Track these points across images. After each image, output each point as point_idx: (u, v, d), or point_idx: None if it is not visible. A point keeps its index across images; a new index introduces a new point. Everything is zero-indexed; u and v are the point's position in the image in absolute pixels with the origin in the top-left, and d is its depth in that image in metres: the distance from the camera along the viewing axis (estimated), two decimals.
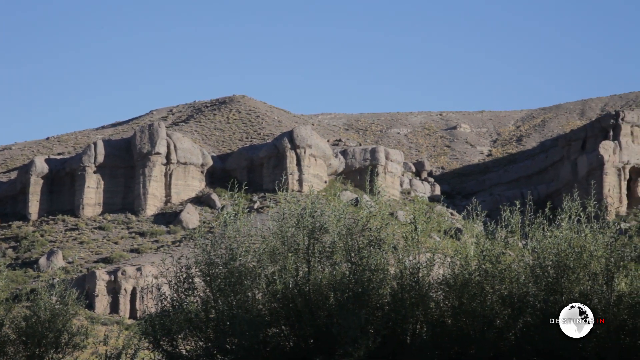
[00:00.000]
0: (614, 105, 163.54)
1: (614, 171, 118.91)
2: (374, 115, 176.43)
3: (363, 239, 22.95)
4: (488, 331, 21.72)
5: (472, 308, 21.96)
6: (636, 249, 22.12)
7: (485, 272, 22.22)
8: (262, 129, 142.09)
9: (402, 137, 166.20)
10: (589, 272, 21.60)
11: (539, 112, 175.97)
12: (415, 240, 22.98)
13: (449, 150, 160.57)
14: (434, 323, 22.41)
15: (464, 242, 22.98)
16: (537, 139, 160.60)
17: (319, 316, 22.32)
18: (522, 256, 22.88)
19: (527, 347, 21.63)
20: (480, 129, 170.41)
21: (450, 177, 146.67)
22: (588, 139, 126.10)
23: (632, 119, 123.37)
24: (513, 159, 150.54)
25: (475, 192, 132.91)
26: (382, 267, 22.64)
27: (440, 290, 22.69)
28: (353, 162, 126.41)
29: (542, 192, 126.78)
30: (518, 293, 21.98)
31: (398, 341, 22.29)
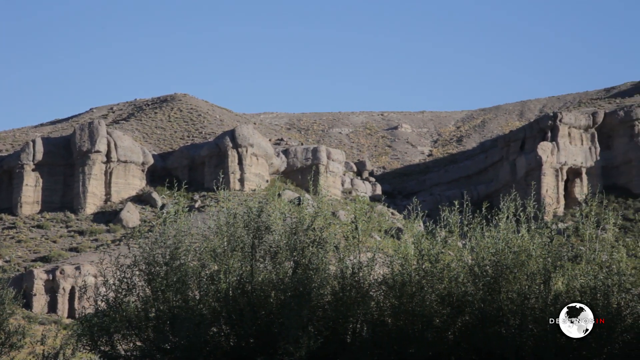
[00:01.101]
0: (552, 107, 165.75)
1: (552, 172, 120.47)
2: (315, 115, 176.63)
3: (306, 238, 22.98)
4: (427, 330, 21.86)
5: (412, 307, 22.09)
6: (573, 249, 22.44)
7: (425, 272, 22.37)
8: (204, 128, 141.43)
9: (343, 137, 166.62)
10: (527, 272, 21.84)
11: (479, 113, 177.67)
12: (357, 239, 23.06)
13: (390, 150, 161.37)
14: (374, 322, 22.49)
15: (404, 241, 23.10)
16: (477, 139, 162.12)
17: (261, 315, 22.29)
18: (461, 256, 23.08)
19: (465, 346, 21.81)
20: (421, 129, 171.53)
21: (391, 177, 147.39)
22: (527, 140, 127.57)
23: (570, 120, 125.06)
24: (453, 159, 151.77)
25: (416, 192, 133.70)
26: (324, 267, 22.69)
27: (380, 289, 22.80)
28: (295, 161, 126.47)
29: (481, 192, 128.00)
30: (457, 292, 22.15)
31: (338, 340, 22.33)
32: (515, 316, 21.52)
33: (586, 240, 22.30)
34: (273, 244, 23.12)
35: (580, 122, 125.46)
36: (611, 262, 21.51)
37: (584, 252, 22.07)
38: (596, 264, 21.65)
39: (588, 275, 21.49)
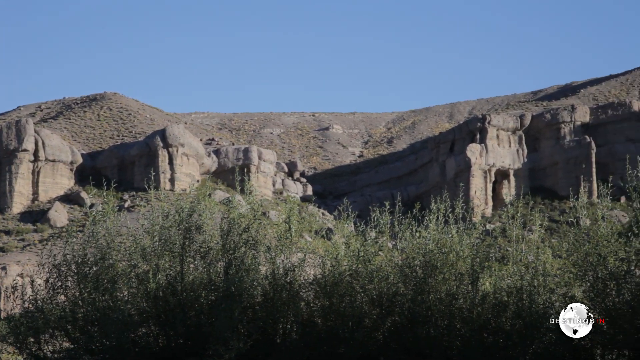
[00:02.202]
0: (481, 109, 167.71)
1: (481, 173, 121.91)
2: (247, 115, 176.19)
3: (239, 239, 22.95)
4: (357, 331, 21.98)
5: (342, 308, 22.20)
6: (500, 250, 22.77)
7: (356, 272, 22.49)
8: (134, 127, 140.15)
9: (275, 137, 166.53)
10: (456, 272, 22.11)
11: (410, 115, 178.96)
12: (289, 240, 23.10)
13: (322, 151, 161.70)
14: (304, 323, 22.56)
15: (335, 242, 23.21)
16: (407, 140, 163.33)
17: (191, 316, 22.21)
18: (392, 256, 23.26)
19: (394, 346, 21.99)
20: (352, 130, 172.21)
21: (322, 178, 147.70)
22: (456, 142, 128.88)
23: (498, 122, 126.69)
24: (384, 160, 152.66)
25: (347, 193, 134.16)
26: (255, 267, 22.68)
27: (310, 290, 22.87)
28: (226, 161, 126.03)
29: (411, 193, 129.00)
30: (387, 293, 22.31)
31: (268, 341, 22.35)
32: (444, 316, 21.76)
33: (513, 241, 22.66)
34: (204, 244, 23.05)
35: (508, 125, 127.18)
36: (537, 262, 21.88)
37: (510, 253, 22.42)
38: (522, 264, 22.01)
39: (515, 276, 21.83)
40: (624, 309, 19.83)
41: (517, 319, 21.23)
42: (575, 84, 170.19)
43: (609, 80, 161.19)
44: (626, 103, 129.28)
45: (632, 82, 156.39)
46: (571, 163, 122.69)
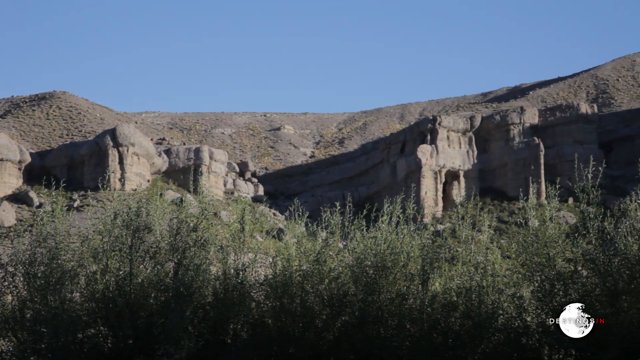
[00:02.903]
0: (432, 110, 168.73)
1: (431, 174, 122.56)
2: (198, 115, 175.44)
3: (189, 239, 22.89)
4: (308, 331, 22.02)
5: (293, 308, 22.23)
6: (450, 251, 22.94)
7: (306, 273, 22.53)
8: (84, 126, 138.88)
9: (226, 137, 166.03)
10: (406, 273, 22.23)
11: (361, 115, 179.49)
12: (241, 240, 23.09)
13: (273, 151, 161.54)
14: (254, 323, 22.55)
15: (286, 242, 23.23)
16: (358, 141, 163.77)
17: (140, 316, 22.09)
18: (343, 257, 23.32)
19: (345, 347, 22.05)
20: (303, 130, 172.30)
21: (273, 178, 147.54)
22: (407, 143, 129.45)
23: (449, 123, 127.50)
24: (335, 160, 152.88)
25: (298, 193, 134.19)
26: (206, 267, 22.63)
27: (261, 290, 22.87)
28: (177, 161, 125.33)
29: (362, 194, 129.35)
30: (338, 293, 22.38)
31: (219, 341, 22.31)
32: (394, 317, 21.88)
33: (462, 241, 22.85)
34: (154, 245, 22.95)
35: (458, 126, 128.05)
36: (486, 263, 22.08)
37: (460, 254, 22.59)
38: (472, 265, 22.20)
39: (464, 276, 22.01)
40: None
41: (466, 319, 21.39)
42: (524, 85, 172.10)
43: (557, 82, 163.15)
44: (574, 105, 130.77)
45: (579, 85, 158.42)
46: (520, 164, 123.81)
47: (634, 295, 19.43)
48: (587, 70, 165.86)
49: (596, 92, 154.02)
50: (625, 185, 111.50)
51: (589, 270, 20.31)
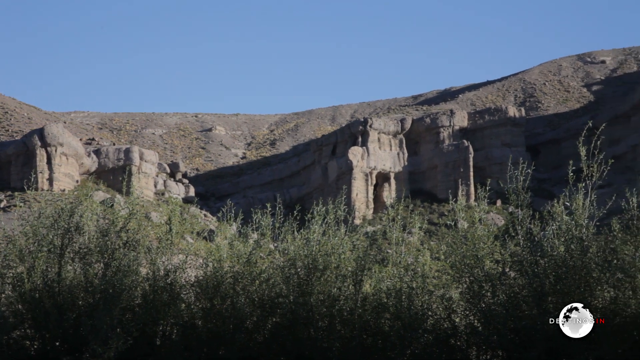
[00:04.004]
0: (363, 112, 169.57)
1: (362, 176, 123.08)
2: (128, 115, 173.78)
3: (118, 240, 22.69)
4: (238, 332, 21.97)
5: (223, 309, 22.17)
6: (381, 252, 23.09)
7: (238, 274, 22.48)
8: (10, 126, 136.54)
9: (157, 138, 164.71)
10: (338, 274, 22.29)
11: (292, 117, 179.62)
12: (170, 241, 22.95)
13: (204, 152, 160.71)
14: (184, 324, 22.44)
15: (217, 243, 23.15)
16: (290, 143, 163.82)
17: (68, 317, 21.84)
18: (274, 258, 23.31)
19: (275, 348, 22.05)
20: (235, 131, 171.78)
21: (204, 179, 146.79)
22: (338, 145, 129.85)
23: (380, 126, 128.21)
24: (267, 162, 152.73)
25: (229, 194, 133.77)
26: (135, 269, 22.47)
27: (191, 291, 22.76)
28: (106, 161, 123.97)
29: (294, 195, 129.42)
30: (269, 295, 22.37)
31: (148, 342, 22.16)
32: (325, 318, 21.93)
33: (393, 243, 22.99)
34: (83, 245, 22.71)
35: (389, 128, 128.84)
36: (416, 264, 22.25)
37: (390, 255, 22.72)
38: (402, 266, 22.34)
39: (394, 278, 22.14)
40: (499, 310, 20.34)
41: (396, 321, 21.53)
42: (454, 89, 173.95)
43: (486, 86, 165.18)
44: (502, 108, 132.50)
45: (507, 88, 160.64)
46: (450, 167, 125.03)
47: (560, 296, 19.76)
48: (515, 74, 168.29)
49: (524, 96, 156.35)
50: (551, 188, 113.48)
51: (517, 271, 20.58)
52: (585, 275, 19.68)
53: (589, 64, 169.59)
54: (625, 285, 19.59)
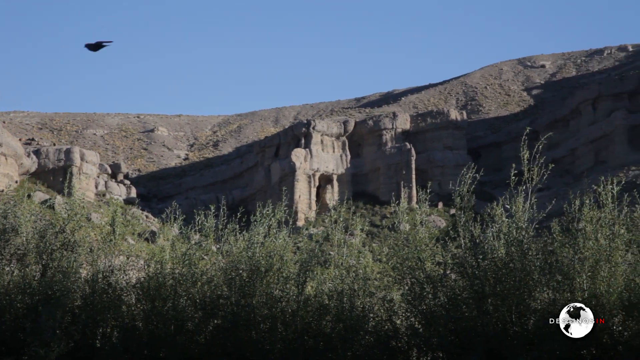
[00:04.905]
0: (306, 114, 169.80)
1: (305, 178, 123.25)
2: (69, 115, 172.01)
3: (56, 241, 22.45)
4: (179, 334, 21.88)
5: (164, 311, 22.06)
6: (323, 254, 23.12)
7: (179, 276, 22.39)
8: None
9: (98, 139, 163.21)
10: (280, 276, 22.29)
11: (235, 118, 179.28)
12: (112, 243, 22.78)
13: (146, 153, 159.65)
14: (125, 327, 22.28)
15: (159, 245, 23.02)
16: (233, 144, 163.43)
17: (6, 320, 21.56)
18: (216, 260, 23.25)
19: (217, 350, 21.99)
20: (177, 132, 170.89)
21: (146, 180, 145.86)
22: (281, 146, 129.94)
23: (323, 128, 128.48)
24: (209, 163, 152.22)
25: (172, 196, 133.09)
26: (75, 270, 22.27)
27: (132, 293, 22.61)
28: (46, 162, 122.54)
29: (236, 197, 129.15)
30: (210, 296, 22.30)
31: (88, 345, 21.97)
32: (266, 320, 21.93)
33: (335, 245, 23.04)
34: (21, 247, 22.44)
35: (332, 130, 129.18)
36: (358, 266, 22.33)
37: (332, 257, 22.78)
38: (344, 268, 22.40)
39: (336, 280, 22.21)
40: (439, 311, 20.48)
41: (337, 322, 21.59)
42: (397, 91, 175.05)
43: (428, 89, 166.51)
44: (444, 112, 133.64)
45: (449, 92, 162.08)
46: (392, 169, 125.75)
47: (500, 298, 19.96)
48: (457, 78, 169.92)
49: (465, 99, 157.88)
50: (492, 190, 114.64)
51: (458, 273, 20.75)
52: (525, 277, 19.91)
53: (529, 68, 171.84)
54: (564, 287, 19.85)
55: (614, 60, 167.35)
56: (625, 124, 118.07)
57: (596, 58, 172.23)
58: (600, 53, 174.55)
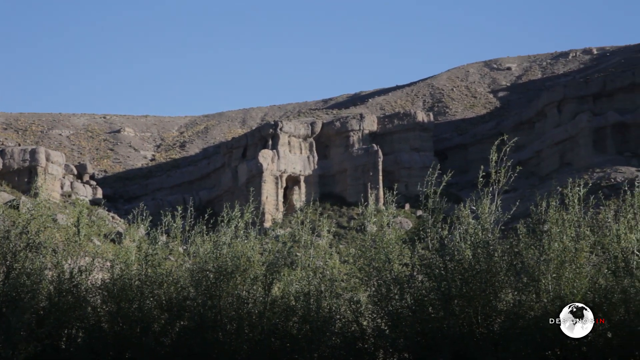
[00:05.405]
0: (274, 116, 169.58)
1: (272, 179, 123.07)
2: (34, 115, 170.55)
3: (21, 242, 22.26)
4: (145, 336, 21.78)
5: (130, 313, 21.95)
6: (290, 255, 23.09)
7: (146, 277, 22.29)
8: None
9: (64, 139, 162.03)
10: (247, 277, 22.24)
11: (202, 119, 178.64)
12: (77, 243, 22.62)
13: (113, 154, 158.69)
14: (90, 328, 22.14)
15: (125, 246, 22.90)
16: (200, 145, 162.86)
17: None
18: (183, 261, 23.17)
19: (183, 351, 21.91)
20: (144, 133, 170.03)
21: (112, 181, 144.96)
22: (249, 147, 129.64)
23: (290, 129, 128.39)
24: (176, 164, 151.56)
25: (138, 196, 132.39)
26: (39, 271, 22.09)
27: (98, 294, 22.48)
28: (11, 162, 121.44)
29: (203, 198, 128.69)
30: (177, 297, 22.22)
31: (53, 346, 21.82)
32: (233, 321, 21.88)
33: (302, 246, 23.03)
34: None
35: (299, 132, 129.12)
36: (325, 268, 22.32)
37: (299, 259, 22.76)
38: (311, 269, 22.40)
39: (303, 281, 22.19)
40: (406, 313, 20.53)
41: (304, 324, 21.58)
42: (364, 93, 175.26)
43: (395, 90, 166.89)
44: (411, 113, 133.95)
45: (416, 93, 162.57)
46: (359, 170, 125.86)
47: (466, 299, 20.05)
48: (423, 80, 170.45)
49: (432, 101, 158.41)
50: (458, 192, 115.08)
51: (425, 275, 20.80)
52: (491, 279, 20.00)
53: (495, 71, 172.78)
54: (529, 288, 19.97)
55: (579, 63, 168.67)
56: (590, 126, 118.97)
57: (561, 61, 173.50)
58: (566, 56, 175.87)
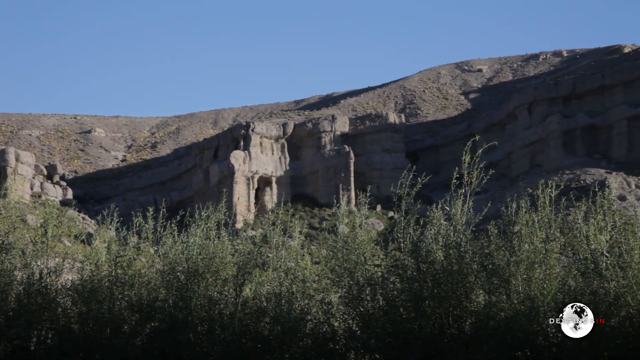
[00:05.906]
0: (246, 117, 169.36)
1: (244, 180, 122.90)
2: (4, 116, 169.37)
3: None
4: (115, 337, 21.69)
5: (101, 314, 21.86)
6: (262, 256, 23.07)
7: (116, 278, 22.20)
8: None
9: (34, 139, 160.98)
10: (219, 278, 22.20)
11: (174, 120, 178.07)
12: (45, 244, 22.49)
13: (83, 154, 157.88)
14: (60, 329, 22.02)
15: (96, 247, 22.80)
16: (171, 146, 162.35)
17: None
18: (154, 262, 23.11)
19: (154, 352, 21.84)
20: (115, 134, 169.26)
21: (83, 182, 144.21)
22: (220, 148, 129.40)
23: (262, 130, 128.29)
24: (147, 165, 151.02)
25: (109, 197, 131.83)
26: (9, 272, 21.95)
27: (68, 296, 22.37)
28: None
29: (175, 199, 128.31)
30: (147, 298, 22.15)
31: (23, 347, 21.69)
32: (204, 322, 21.83)
33: (274, 247, 23.01)
34: None
35: (271, 133, 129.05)
36: (296, 269, 22.33)
37: (271, 259, 22.75)
38: (282, 270, 22.39)
39: (274, 282, 22.18)
40: (378, 314, 20.56)
41: (275, 325, 21.57)
42: (336, 94, 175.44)
43: (367, 92, 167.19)
44: (383, 115, 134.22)
45: (388, 95, 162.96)
46: (331, 172, 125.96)
47: (437, 300, 20.11)
48: (395, 81, 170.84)
49: (404, 103, 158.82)
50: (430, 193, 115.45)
51: (396, 276, 20.85)
52: (462, 280, 20.08)
53: (467, 72, 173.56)
54: (499, 289, 20.07)
55: (549, 65, 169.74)
56: (560, 128, 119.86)
57: (532, 63, 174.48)
58: (536, 58, 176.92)
